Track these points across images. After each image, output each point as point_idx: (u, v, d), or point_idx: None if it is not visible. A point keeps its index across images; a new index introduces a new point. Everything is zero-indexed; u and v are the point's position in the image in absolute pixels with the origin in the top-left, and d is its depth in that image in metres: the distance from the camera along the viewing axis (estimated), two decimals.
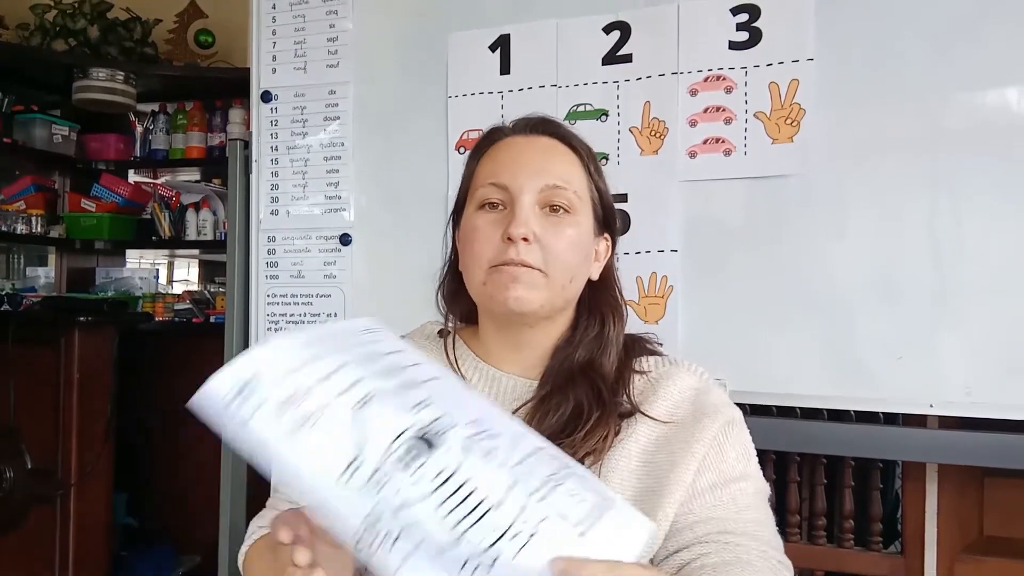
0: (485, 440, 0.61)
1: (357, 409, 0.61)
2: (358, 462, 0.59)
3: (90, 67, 3.11)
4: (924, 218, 1.37)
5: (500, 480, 0.59)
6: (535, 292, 0.85)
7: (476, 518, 0.58)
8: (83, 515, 2.58)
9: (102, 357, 2.65)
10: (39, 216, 3.22)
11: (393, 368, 0.65)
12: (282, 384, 0.62)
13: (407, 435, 0.60)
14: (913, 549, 1.50)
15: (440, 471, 0.59)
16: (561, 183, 0.88)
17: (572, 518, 0.58)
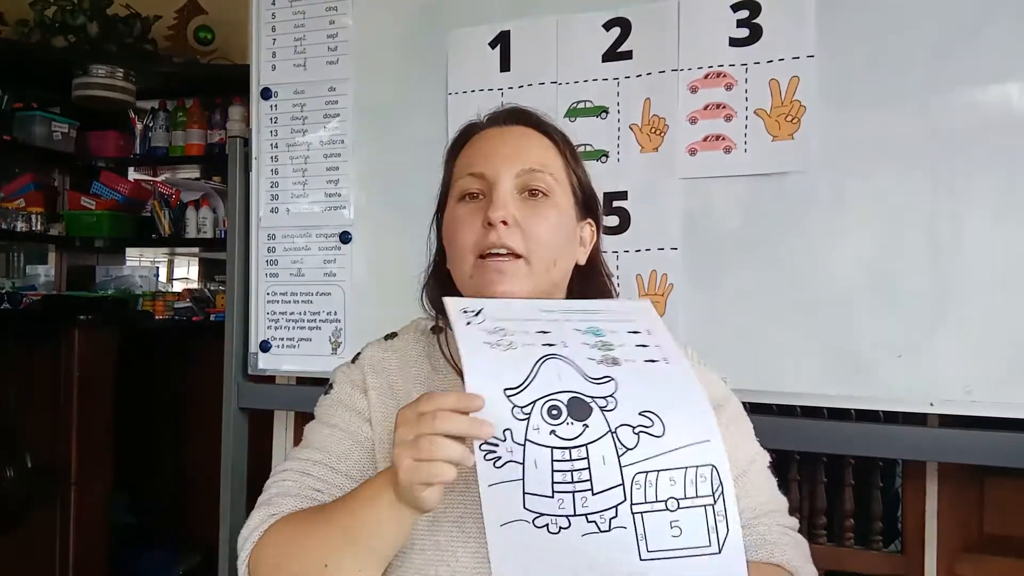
0: (632, 435, 0.72)
1: (548, 358, 0.74)
2: (521, 388, 0.72)
3: (90, 64, 3.11)
4: (924, 217, 1.37)
5: (612, 476, 0.71)
6: (520, 283, 0.86)
7: (573, 490, 0.70)
8: (83, 515, 2.58)
9: (102, 356, 2.65)
10: (39, 214, 3.21)
11: (609, 344, 0.76)
12: (499, 320, 0.77)
13: (565, 396, 0.72)
14: (913, 548, 1.50)
15: (571, 439, 0.71)
16: (537, 166, 0.89)
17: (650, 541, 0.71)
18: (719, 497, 0.72)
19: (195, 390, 3.01)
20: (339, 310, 1.80)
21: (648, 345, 0.78)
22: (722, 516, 0.72)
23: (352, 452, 0.90)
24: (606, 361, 0.75)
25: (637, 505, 0.71)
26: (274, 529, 0.82)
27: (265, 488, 0.90)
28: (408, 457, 0.69)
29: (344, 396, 0.94)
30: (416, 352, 0.95)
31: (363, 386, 0.93)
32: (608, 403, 0.72)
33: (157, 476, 3.11)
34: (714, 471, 0.72)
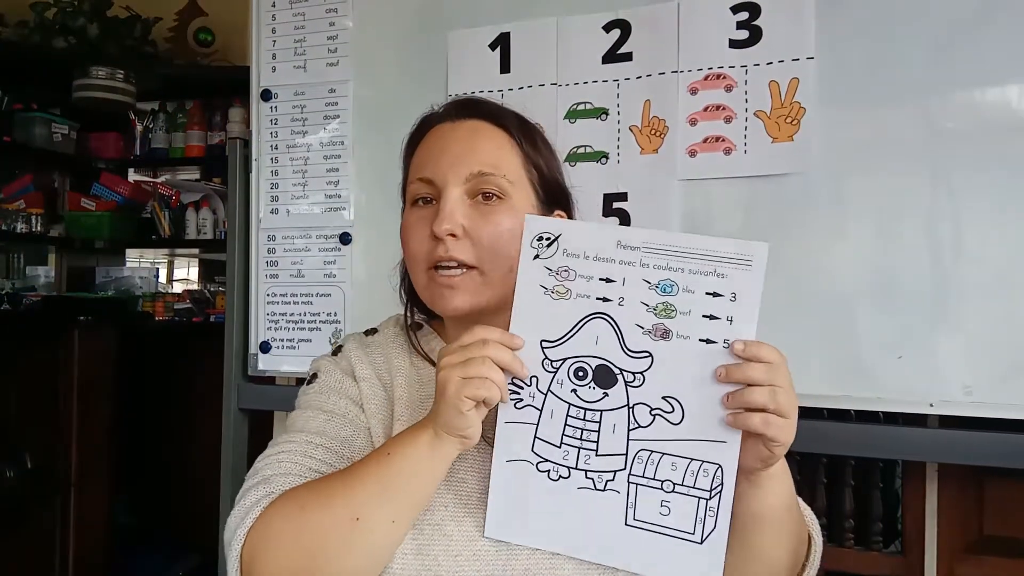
0: (648, 415, 0.74)
1: (593, 316, 0.75)
2: (557, 343, 0.75)
3: (90, 66, 3.11)
4: (924, 217, 1.37)
5: (617, 445, 0.75)
6: (474, 296, 0.84)
7: (579, 445, 0.75)
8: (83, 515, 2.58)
9: (102, 356, 2.65)
10: (39, 215, 3.22)
11: (671, 309, 0.74)
12: (569, 256, 0.76)
13: (596, 361, 0.74)
14: (913, 548, 1.50)
15: (589, 402, 0.75)
16: (487, 169, 0.84)
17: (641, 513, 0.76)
18: (716, 495, 0.73)
19: (195, 391, 3.01)
20: (339, 311, 1.81)
21: (719, 318, 0.72)
22: (713, 512, 0.74)
23: (355, 439, 0.87)
24: (655, 331, 0.73)
25: (634, 476, 0.75)
26: (282, 499, 0.76)
27: (254, 471, 0.83)
28: (457, 375, 0.72)
29: (335, 383, 0.91)
30: (397, 346, 0.94)
31: (353, 374, 0.91)
32: (635, 379, 0.74)
33: (157, 476, 3.11)
34: (719, 471, 0.73)
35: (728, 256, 0.72)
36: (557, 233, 0.76)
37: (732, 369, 0.71)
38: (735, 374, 0.71)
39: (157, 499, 3.11)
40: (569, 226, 0.77)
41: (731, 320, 0.72)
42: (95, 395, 2.62)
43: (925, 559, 1.48)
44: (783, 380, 0.72)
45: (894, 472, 1.63)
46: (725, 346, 0.72)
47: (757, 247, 0.71)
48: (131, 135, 3.56)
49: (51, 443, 2.55)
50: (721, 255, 0.72)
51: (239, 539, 0.75)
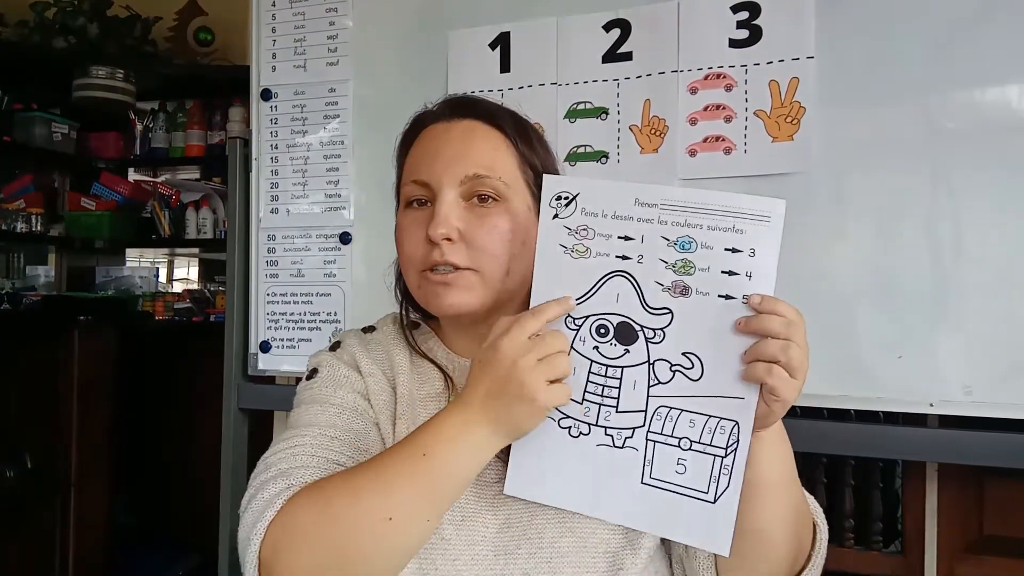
0: (668, 371, 0.74)
1: (613, 274, 0.75)
2: (579, 301, 0.76)
3: (90, 65, 3.11)
4: (924, 217, 1.37)
5: (637, 402, 0.75)
6: (469, 294, 0.83)
7: (600, 402, 0.76)
8: (83, 515, 2.58)
9: (102, 356, 2.65)
10: (39, 215, 3.22)
11: (690, 265, 0.74)
12: (588, 214, 0.76)
13: (618, 319, 0.75)
14: (913, 548, 1.50)
15: (610, 358, 0.76)
16: (483, 171, 0.83)
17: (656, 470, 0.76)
18: (731, 452, 0.74)
19: (195, 390, 3.01)
20: (339, 311, 1.81)
21: (739, 273, 0.72)
22: (727, 471, 0.74)
23: (367, 433, 0.85)
24: (674, 288, 0.73)
25: (653, 434, 0.76)
26: (306, 492, 0.73)
27: (266, 467, 0.79)
28: (532, 359, 0.71)
29: (339, 377, 0.88)
30: (398, 345, 0.92)
31: (358, 368, 0.89)
32: (656, 335, 0.74)
33: (157, 476, 3.11)
34: (736, 428, 0.73)
35: (746, 212, 0.72)
36: (575, 192, 0.76)
37: (751, 320, 0.71)
38: (753, 325, 0.71)
39: (157, 499, 3.11)
40: (587, 185, 0.77)
41: (750, 276, 0.72)
42: (95, 395, 2.62)
43: (925, 559, 1.48)
44: (799, 337, 0.71)
45: (894, 472, 1.63)
46: (744, 301, 0.72)
47: (775, 203, 0.71)
48: (131, 135, 3.56)
49: (51, 443, 2.55)
50: (739, 211, 0.72)
51: (259, 534, 0.71)
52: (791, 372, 0.70)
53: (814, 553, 0.84)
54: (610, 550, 0.82)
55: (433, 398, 0.89)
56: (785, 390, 0.70)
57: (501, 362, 0.71)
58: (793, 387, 0.71)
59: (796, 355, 0.70)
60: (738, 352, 0.72)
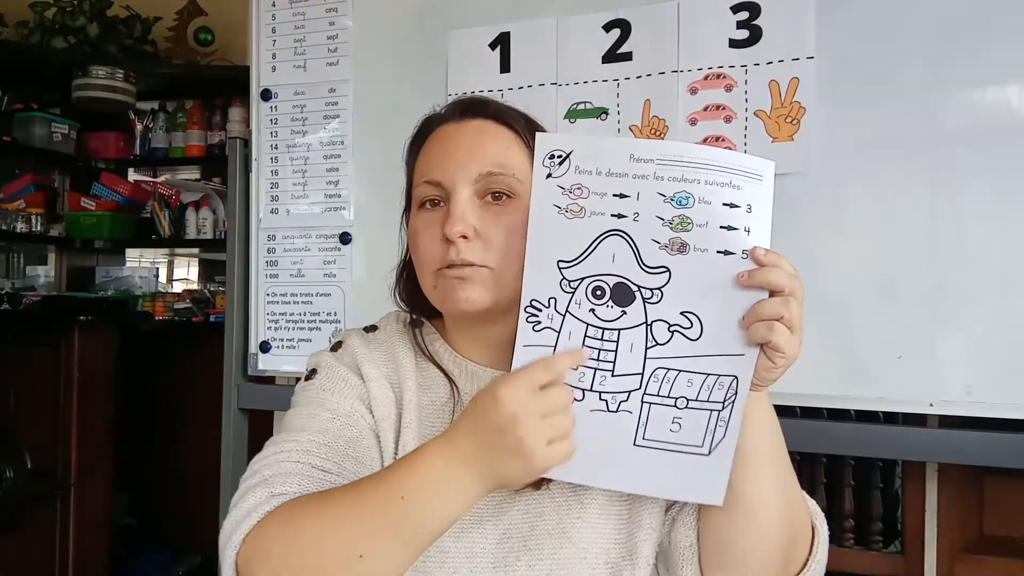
0: (666, 332, 0.72)
1: (609, 233, 0.73)
2: (574, 263, 0.73)
3: (90, 65, 3.11)
4: (924, 217, 1.37)
5: (634, 365, 0.73)
6: (484, 291, 0.81)
7: (596, 367, 0.73)
8: (83, 515, 2.58)
9: (102, 356, 2.65)
10: (39, 215, 3.22)
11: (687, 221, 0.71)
12: (582, 172, 0.73)
13: (614, 279, 0.73)
14: (913, 548, 1.50)
15: (606, 321, 0.73)
16: (496, 169, 0.82)
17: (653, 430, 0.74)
18: (728, 405, 0.72)
19: (195, 390, 3.01)
20: (339, 311, 1.81)
21: (737, 228, 0.71)
22: (724, 423, 0.72)
23: (361, 439, 0.82)
24: (671, 245, 0.71)
25: (649, 396, 0.73)
26: (279, 513, 0.71)
27: (251, 472, 0.77)
28: (534, 415, 0.66)
29: (338, 380, 0.85)
30: (402, 346, 0.89)
31: (359, 372, 0.86)
32: (653, 296, 0.72)
33: (157, 476, 3.11)
34: (735, 382, 0.72)
35: (741, 168, 0.71)
36: (569, 150, 0.74)
37: (754, 273, 0.70)
38: (756, 278, 0.70)
39: (157, 499, 3.11)
40: (581, 142, 0.74)
41: (748, 231, 0.71)
42: (95, 395, 2.61)
43: (925, 559, 1.48)
44: (800, 292, 0.71)
45: (894, 472, 1.63)
46: (744, 256, 0.71)
47: (766, 163, 0.71)
48: (131, 135, 3.55)
49: (51, 443, 2.55)
50: (735, 167, 0.70)
51: (234, 546, 0.71)
52: (790, 327, 0.70)
53: (811, 558, 0.81)
54: (610, 561, 0.81)
55: (437, 408, 0.86)
56: (789, 346, 0.70)
57: (500, 413, 0.66)
58: (795, 343, 0.71)
59: (796, 310, 0.71)
60: (738, 308, 0.71)
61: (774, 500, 0.77)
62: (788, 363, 0.72)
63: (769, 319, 0.70)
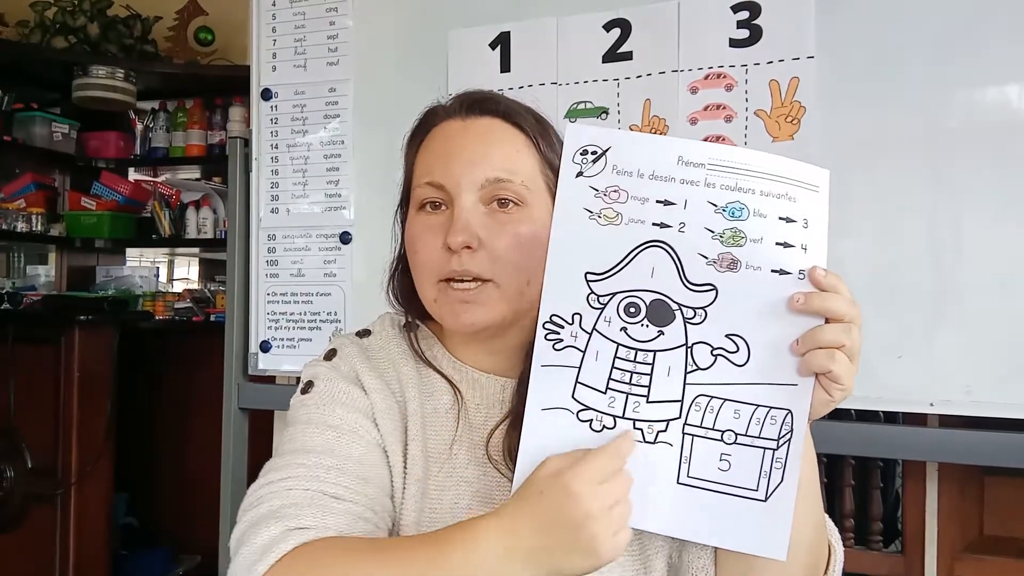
0: (709, 356, 0.65)
1: (649, 244, 0.65)
2: (605, 276, 0.66)
3: (90, 65, 3.12)
4: (924, 217, 1.37)
5: (673, 391, 0.65)
6: (489, 311, 0.76)
7: (628, 391, 0.66)
8: (83, 515, 2.58)
9: (102, 356, 2.65)
10: (39, 214, 3.22)
11: (740, 235, 0.64)
12: (620, 173, 0.65)
13: (651, 296, 0.65)
14: (913, 548, 1.50)
15: (641, 341, 0.65)
16: (504, 175, 0.77)
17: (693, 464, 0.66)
18: (784, 444, 0.65)
19: (195, 390, 3.01)
20: (339, 310, 1.81)
21: (794, 245, 0.64)
22: (780, 464, 0.65)
23: (368, 456, 0.77)
24: (720, 262, 0.64)
25: (690, 427, 0.66)
26: (304, 556, 0.66)
27: (257, 500, 0.72)
28: (600, 504, 0.61)
29: (339, 393, 0.80)
30: (399, 351, 0.85)
31: (358, 382, 0.81)
32: (696, 315, 0.65)
33: (157, 476, 3.11)
34: (789, 416, 0.65)
35: (797, 179, 0.64)
36: (606, 146, 0.65)
37: (811, 297, 0.63)
38: (815, 303, 0.63)
39: (157, 499, 3.11)
40: (621, 137, 0.66)
41: (805, 248, 0.64)
42: (95, 394, 2.61)
43: (925, 559, 1.48)
44: (860, 319, 0.65)
45: (894, 472, 1.63)
46: (800, 277, 0.64)
47: (822, 172, 0.64)
48: (131, 134, 3.56)
49: (51, 442, 2.55)
50: (791, 177, 0.64)
51: None
52: (851, 357, 0.64)
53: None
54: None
55: (441, 415, 0.82)
56: (848, 376, 0.64)
57: (576, 511, 0.61)
58: (853, 373, 0.65)
59: (858, 339, 0.64)
60: (790, 333, 0.64)
61: (805, 536, 0.72)
62: (845, 396, 0.65)
63: (829, 347, 0.63)
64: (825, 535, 0.79)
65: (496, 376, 0.83)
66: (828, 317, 0.64)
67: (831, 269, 0.65)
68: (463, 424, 0.81)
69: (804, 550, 0.73)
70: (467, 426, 0.81)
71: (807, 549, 0.74)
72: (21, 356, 2.56)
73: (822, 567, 0.78)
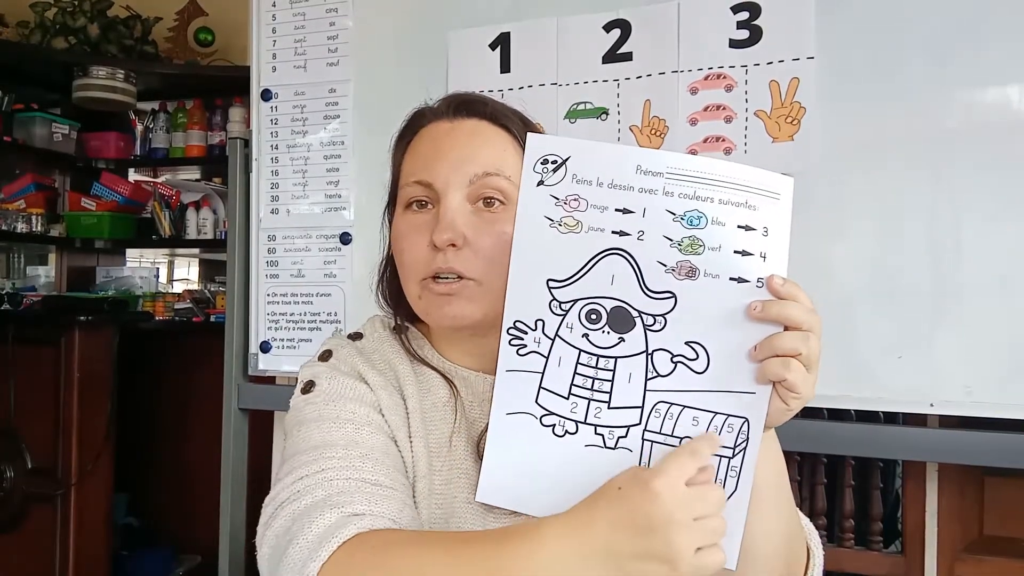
0: (669, 363, 0.66)
1: (608, 252, 0.66)
2: (566, 283, 0.67)
3: (90, 65, 3.12)
4: (924, 217, 1.37)
5: (633, 397, 0.66)
6: (472, 306, 0.77)
7: (589, 397, 0.67)
8: (83, 515, 2.58)
9: (102, 356, 2.65)
10: (39, 215, 3.22)
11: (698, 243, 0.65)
12: (580, 182, 0.67)
13: (612, 303, 0.66)
14: (913, 548, 1.50)
15: (602, 348, 0.67)
16: (491, 169, 0.78)
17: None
18: (739, 453, 0.66)
19: (195, 390, 3.01)
20: (339, 311, 1.81)
21: (752, 253, 0.64)
22: (735, 472, 0.66)
23: (390, 447, 0.77)
24: (679, 269, 0.65)
25: (650, 433, 0.67)
26: (367, 543, 0.64)
27: (293, 494, 0.70)
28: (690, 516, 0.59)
29: (345, 388, 0.80)
30: (393, 350, 0.86)
31: (361, 378, 0.82)
32: (656, 323, 0.66)
33: (157, 476, 3.11)
34: (746, 425, 0.66)
35: (757, 187, 0.64)
36: (566, 156, 0.66)
37: (769, 305, 0.64)
38: (772, 311, 0.63)
39: (157, 499, 3.11)
40: (580, 147, 0.67)
41: (764, 257, 0.64)
42: (95, 395, 2.61)
43: (925, 559, 1.48)
44: (819, 327, 0.65)
45: (894, 472, 1.63)
46: (759, 285, 0.64)
47: (784, 180, 0.65)
48: (131, 135, 3.56)
49: (51, 443, 2.55)
50: (751, 185, 0.64)
51: (314, 570, 0.63)
52: (807, 365, 0.64)
53: None
54: None
55: (439, 409, 0.83)
56: (804, 385, 0.65)
57: (656, 512, 0.58)
58: (811, 382, 0.65)
59: (816, 348, 0.64)
60: (748, 341, 0.65)
61: (774, 541, 0.73)
62: (802, 405, 0.67)
63: (785, 355, 0.64)
64: (801, 537, 0.78)
65: (484, 375, 0.84)
66: (786, 325, 0.64)
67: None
68: (460, 416, 0.82)
69: (775, 552, 0.73)
70: (464, 419, 0.83)
71: (778, 551, 0.74)
72: (21, 356, 2.56)
73: (800, 571, 0.78)
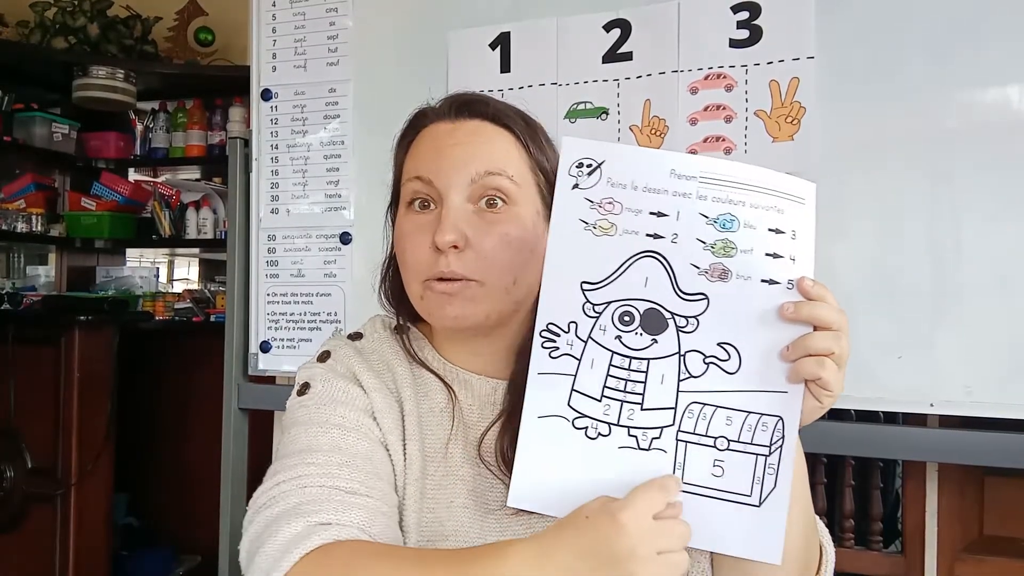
0: (701, 364, 0.67)
1: (642, 254, 0.67)
2: (600, 286, 0.67)
3: (90, 65, 3.12)
4: (924, 217, 1.37)
5: (666, 398, 0.67)
6: (474, 306, 0.77)
7: (622, 399, 0.67)
8: (83, 515, 2.58)
9: (102, 356, 2.65)
10: (39, 215, 3.22)
11: (731, 246, 0.66)
12: (615, 185, 0.67)
13: (645, 305, 0.67)
14: (913, 548, 1.50)
15: (635, 349, 0.67)
16: (493, 169, 0.78)
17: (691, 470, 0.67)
18: (776, 450, 0.67)
19: (195, 390, 3.02)
20: (339, 311, 1.81)
21: (782, 256, 0.66)
22: (772, 470, 0.67)
23: (375, 452, 0.77)
24: (712, 272, 0.66)
25: (684, 433, 0.67)
26: (331, 554, 0.65)
27: (268, 501, 0.72)
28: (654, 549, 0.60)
29: (338, 392, 0.80)
30: (392, 352, 0.86)
31: (356, 381, 0.82)
32: (688, 324, 0.67)
33: (157, 476, 3.11)
34: (780, 423, 0.67)
35: (785, 191, 0.66)
36: (601, 159, 0.67)
37: (801, 306, 0.65)
38: (804, 311, 0.65)
39: (157, 499, 3.11)
40: (615, 151, 0.68)
41: (794, 259, 0.66)
42: (95, 395, 2.61)
43: (925, 559, 1.48)
44: (847, 327, 0.68)
45: (894, 472, 1.63)
46: (789, 287, 0.66)
47: (808, 185, 0.67)
48: (131, 135, 3.56)
49: (51, 442, 2.55)
50: (779, 190, 0.66)
51: None
52: (840, 364, 0.67)
53: None
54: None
55: (436, 414, 0.82)
56: (837, 383, 0.66)
57: (619, 542, 0.59)
58: (842, 379, 0.67)
59: (846, 346, 0.67)
60: (780, 341, 0.66)
61: (795, 542, 0.73)
62: (833, 402, 0.68)
63: (818, 354, 0.66)
64: (816, 536, 0.79)
65: (487, 377, 0.84)
66: (817, 325, 0.66)
67: (822, 277, 0.67)
68: (458, 422, 0.82)
69: (795, 553, 0.74)
70: (461, 425, 0.82)
71: (798, 551, 0.74)
72: (21, 356, 2.56)
73: (813, 568, 0.79)
